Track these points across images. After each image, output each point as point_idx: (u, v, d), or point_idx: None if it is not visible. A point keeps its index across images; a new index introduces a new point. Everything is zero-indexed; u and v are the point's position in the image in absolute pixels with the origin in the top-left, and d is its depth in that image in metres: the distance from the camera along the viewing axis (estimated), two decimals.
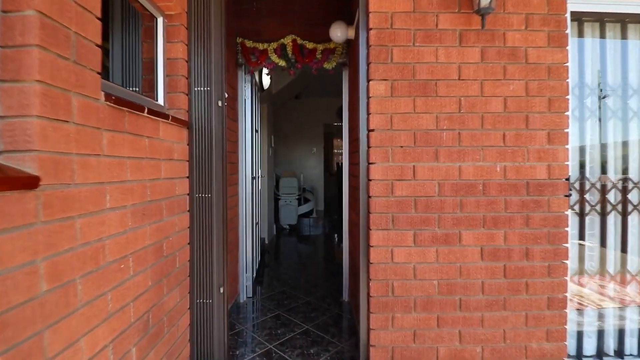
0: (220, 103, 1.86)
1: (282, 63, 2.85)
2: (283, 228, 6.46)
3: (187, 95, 1.82)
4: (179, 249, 1.72)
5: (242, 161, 2.97)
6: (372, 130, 1.80)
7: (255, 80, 3.59)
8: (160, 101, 1.74)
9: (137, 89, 1.83)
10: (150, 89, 1.80)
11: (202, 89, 1.83)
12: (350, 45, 2.77)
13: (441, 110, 1.82)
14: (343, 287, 3.00)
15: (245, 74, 3.01)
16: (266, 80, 4.85)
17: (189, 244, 1.84)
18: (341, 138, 11.67)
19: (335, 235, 6.09)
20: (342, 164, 10.29)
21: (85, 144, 1.05)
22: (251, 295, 3.08)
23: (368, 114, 1.83)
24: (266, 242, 5.24)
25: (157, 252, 1.51)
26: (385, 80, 1.81)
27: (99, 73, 1.12)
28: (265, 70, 4.81)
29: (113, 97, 1.17)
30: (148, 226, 1.43)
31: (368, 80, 1.82)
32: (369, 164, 1.82)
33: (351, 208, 2.91)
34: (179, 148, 1.73)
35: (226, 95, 1.96)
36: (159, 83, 1.75)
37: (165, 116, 1.56)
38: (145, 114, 1.38)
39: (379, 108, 1.80)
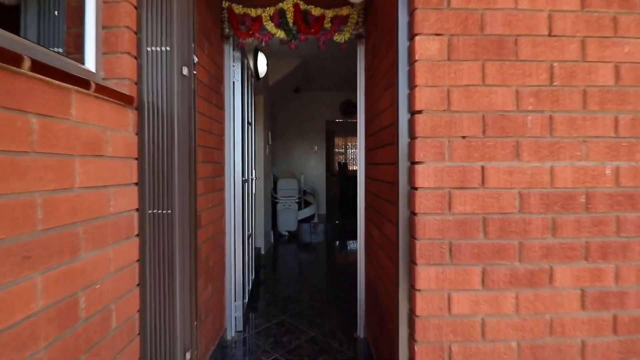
0: (186, 70, 1.23)
1: (280, 34, 2.22)
2: (282, 235, 5.83)
3: (135, 58, 1.19)
4: (117, 299, 1.09)
5: (229, 160, 2.34)
6: (419, 111, 1.18)
7: (248, 63, 2.96)
8: (90, 65, 1.11)
9: (59, 50, 1.20)
10: (78, 48, 1.16)
11: (158, 49, 1.20)
12: (369, 11, 2.14)
13: (524, 82, 1.20)
14: (358, 319, 2.38)
15: (233, 49, 2.38)
16: (262, 68, 4.21)
17: (138, 285, 1.21)
18: (344, 136, 11.08)
19: (337, 242, 5.50)
20: (344, 163, 9.65)
21: None
22: (242, 329, 2.45)
23: (412, 87, 1.20)
24: (262, 252, 4.61)
25: (65, 314, 0.88)
26: (439, 35, 1.18)
27: None
28: (261, 57, 4.18)
29: None
30: (39, 275, 0.79)
31: (412, 36, 1.20)
32: (413, 163, 1.20)
33: (368, 219, 2.28)
34: (117, 138, 1.10)
35: (196, 60, 1.32)
36: (87, 37, 1.12)
37: (83, 83, 0.93)
38: (28, 72, 0.75)
39: (429, 78, 1.17)
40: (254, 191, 3.24)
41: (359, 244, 2.39)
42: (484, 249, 1.18)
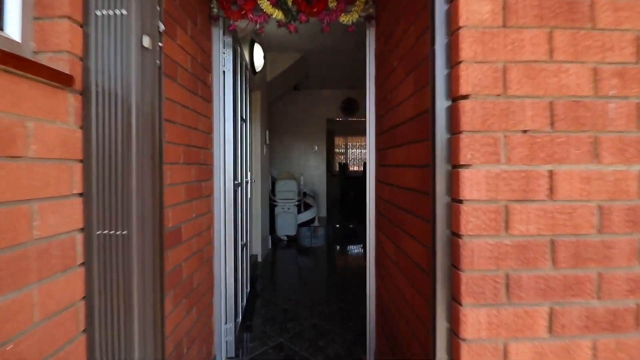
0: (147, 41, 0.92)
1: (277, 15, 1.91)
2: (280, 239, 5.51)
3: (79, 25, 0.88)
4: (48, 357, 0.78)
5: (218, 161, 2.03)
6: (464, 96, 0.87)
7: (242, 52, 2.65)
8: (13, 32, 0.80)
9: None
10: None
11: (110, 12, 0.89)
12: None
13: (603, 57, 0.89)
14: (367, 344, 2.07)
15: (224, 33, 2.07)
16: (259, 61, 3.90)
17: (85, 331, 0.90)
18: (345, 135, 10.76)
19: (338, 246, 5.20)
20: (345, 163, 9.34)
21: None
22: (233, 355, 2.14)
23: (453, 64, 0.89)
24: (259, 259, 4.30)
25: None
26: None
27: None
28: (257, 49, 3.87)
29: None
30: None
31: None
32: (455, 167, 0.89)
33: (379, 229, 1.98)
34: (47, 133, 0.79)
35: (162, 29, 1.01)
36: None
37: None
38: None
39: (479, 50, 0.87)
40: (249, 195, 2.93)
41: (368, 258, 2.08)
42: (552, 283, 0.88)
